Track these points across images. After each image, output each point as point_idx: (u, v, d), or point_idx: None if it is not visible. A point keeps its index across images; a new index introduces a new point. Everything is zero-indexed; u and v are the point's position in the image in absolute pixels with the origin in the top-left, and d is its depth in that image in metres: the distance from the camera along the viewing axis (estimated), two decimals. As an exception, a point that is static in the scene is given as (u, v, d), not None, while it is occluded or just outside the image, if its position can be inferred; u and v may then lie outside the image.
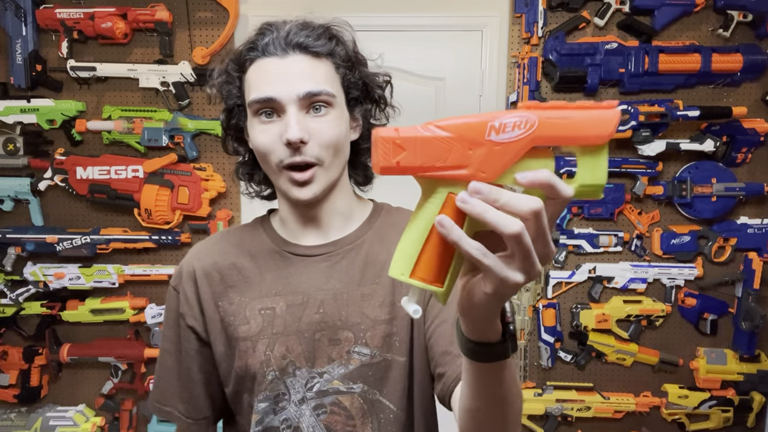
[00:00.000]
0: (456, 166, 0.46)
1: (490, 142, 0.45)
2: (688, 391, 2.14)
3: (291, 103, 0.71)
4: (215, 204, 2.16)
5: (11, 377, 2.18)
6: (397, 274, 0.48)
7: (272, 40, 0.74)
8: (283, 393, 0.76)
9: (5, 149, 2.07)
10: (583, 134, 0.46)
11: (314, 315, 0.77)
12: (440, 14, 2.10)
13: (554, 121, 0.45)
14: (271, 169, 0.75)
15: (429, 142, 0.45)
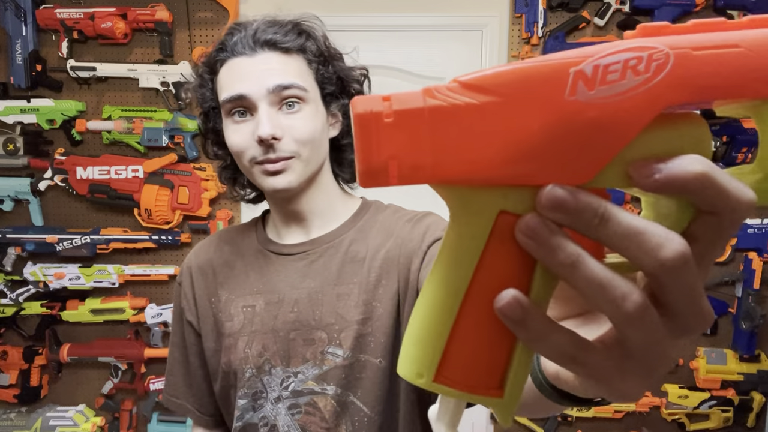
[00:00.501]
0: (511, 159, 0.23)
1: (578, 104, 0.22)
2: (688, 391, 2.14)
3: (261, 99, 0.70)
4: (215, 204, 2.16)
5: (11, 377, 2.18)
6: (410, 376, 0.26)
7: (240, 39, 0.72)
8: (261, 391, 0.76)
9: (5, 149, 2.07)
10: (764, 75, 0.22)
11: (289, 314, 0.75)
12: (440, 14, 2.10)
13: (706, 54, 0.22)
14: (245, 167, 0.74)
15: (451, 117, 0.22)
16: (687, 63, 0.22)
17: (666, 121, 0.23)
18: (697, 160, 0.22)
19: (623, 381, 0.24)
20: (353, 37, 2.12)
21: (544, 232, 0.22)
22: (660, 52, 0.22)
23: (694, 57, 0.22)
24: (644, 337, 0.22)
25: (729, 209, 0.22)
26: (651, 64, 0.22)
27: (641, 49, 0.22)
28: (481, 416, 2.27)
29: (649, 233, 0.21)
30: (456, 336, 0.25)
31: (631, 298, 0.21)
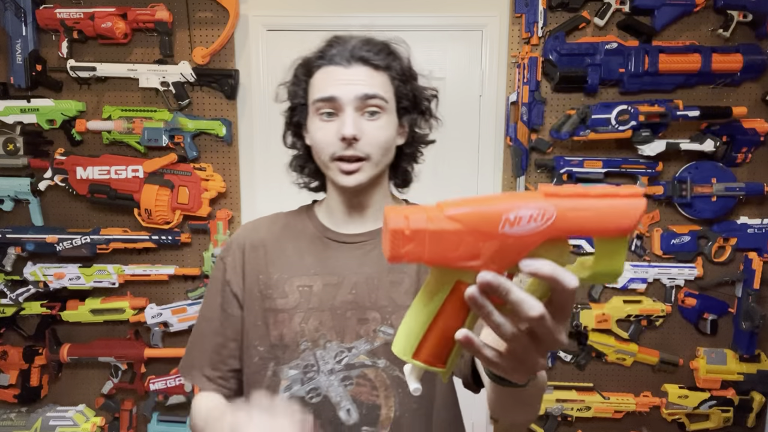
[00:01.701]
0: (467, 257, 0.44)
1: (504, 235, 0.43)
2: (688, 391, 2.14)
3: (349, 104, 0.82)
4: (215, 204, 2.16)
5: (11, 377, 2.18)
6: (400, 354, 0.50)
7: (339, 52, 0.84)
8: (312, 365, 0.84)
9: (5, 149, 2.07)
10: (604, 227, 0.43)
11: (347, 295, 0.86)
12: (440, 14, 2.10)
13: (574, 213, 0.43)
14: (324, 161, 0.85)
15: (439, 236, 0.43)
16: (563, 218, 0.42)
17: (547, 242, 0.43)
18: (547, 264, 0.42)
19: (515, 372, 0.48)
20: (353, 37, 2.13)
21: (477, 296, 0.44)
22: (550, 211, 0.42)
23: (567, 216, 0.42)
24: (522, 352, 0.46)
25: (562, 290, 0.43)
26: (544, 217, 0.42)
27: (540, 209, 0.42)
28: (481, 417, 2.27)
29: (526, 301, 0.43)
30: (426, 337, 0.48)
31: (514, 333, 0.45)
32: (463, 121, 2.15)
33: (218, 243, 2.10)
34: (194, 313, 2.12)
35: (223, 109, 2.13)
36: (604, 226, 0.43)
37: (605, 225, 0.43)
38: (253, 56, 2.11)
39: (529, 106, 2.02)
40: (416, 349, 0.49)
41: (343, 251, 0.89)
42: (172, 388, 2.15)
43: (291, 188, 1.05)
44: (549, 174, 2.10)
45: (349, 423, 0.83)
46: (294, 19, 2.11)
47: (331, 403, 0.84)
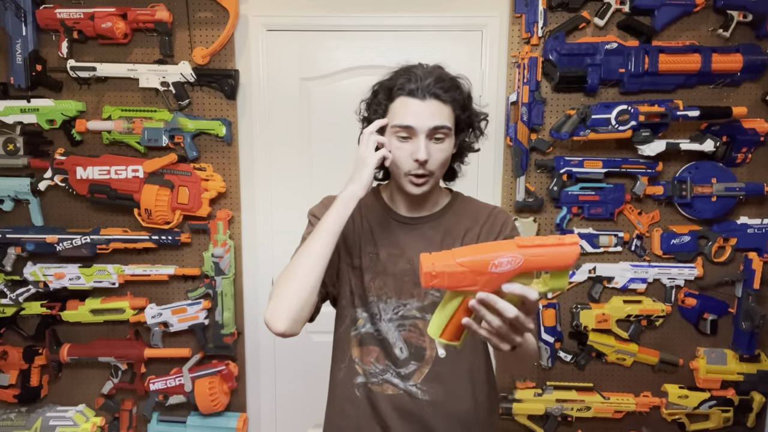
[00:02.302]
0: (469, 285, 0.77)
1: (490, 273, 0.75)
2: (688, 391, 2.14)
3: (422, 132, 1.04)
4: (215, 204, 2.16)
5: (11, 377, 2.18)
6: (432, 335, 0.84)
7: (417, 87, 1.04)
8: (375, 313, 1.12)
9: (5, 149, 2.07)
10: (554, 265, 0.75)
11: (406, 264, 1.11)
12: (440, 14, 2.10)
13: (535, 258, 0.74)
14: (398, 174, 1.09)
15: (453, 274, 0.77)
16: (528, 261, 0.74)
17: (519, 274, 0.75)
18: (518, 286, 0.75)
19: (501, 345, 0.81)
20: (354, 37, 2.13)
21: (476, 306, 0.77)
22: (519, 258, 0.73)
23: (531, 260, 0.74)
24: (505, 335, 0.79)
25: (528, 300, 0.76)
26: (516, 262, 0.73)
27: (514, 256, 0.74)
28: (481, 416, 2.27)
29: (506, 308, 0.76)
30: (447, 326, 0.82)
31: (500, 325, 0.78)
32: (463, 121, 2.14)
33: (218, 243, 2.10)
34: (194, 313, 2.12)
35: (223, 109, 2.13)
36: (554, 264, 0.75)
37: (554, 264, 0.75)
38: (253, 56, 2.12)
39: (529, 106, 2.02)
40: (441, 332, 0.83)
41: (404, 230, 1.15)
42: (172, 388, 2.15)
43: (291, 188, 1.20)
44: (549, 174, 2.11)
45: (401, 357, 1.11)
46: (294, 19, 2.11)
47: (389, 342, 1.11)
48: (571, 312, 2.16)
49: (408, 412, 1.10)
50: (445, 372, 1.11)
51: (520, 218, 2.13)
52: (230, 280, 2.14)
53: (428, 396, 1.10)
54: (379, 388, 1.12)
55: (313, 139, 2.17)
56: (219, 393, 2.13)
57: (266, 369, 2.27)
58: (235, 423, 2.17)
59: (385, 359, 1.12)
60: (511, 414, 2.16)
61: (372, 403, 1.12)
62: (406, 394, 1.10)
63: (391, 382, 1.11)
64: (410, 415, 1.11)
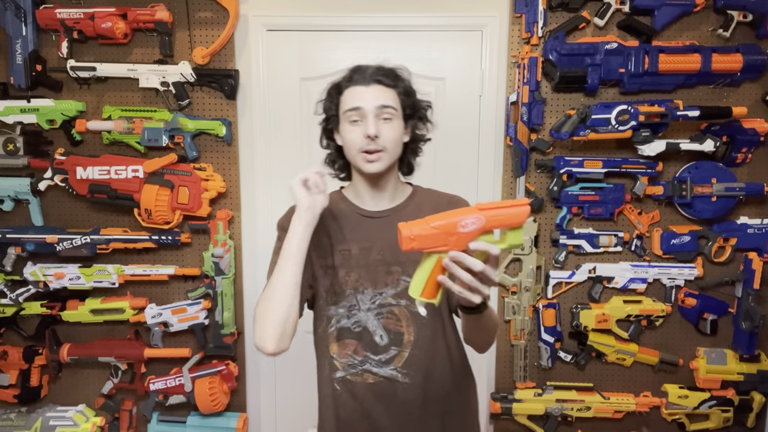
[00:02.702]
0: (442, 245, 0.90)
1: (458, 233, 0.89)
2: (688, 391, 2.14)
3: (370, 112, 1.14)
4: (215, 204, 2.16)
5: (11, 377, 2.18)
6: (413, 294, 0.95)
7: (360, 76, 1.16)
8: (354, 305, 1.18)
9: (5, 149, 2.07)
10: (510, 222, 0.90)
11: (377, 255, 1.19)
12: (440, 14, 2.10)
13: (494, 218, 0.90)
14: (353, 154, 1.16)
15: (428, 236, 0.90)
16: (489, 221, 0.89)
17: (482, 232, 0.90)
18: (482, 243, 0.90)
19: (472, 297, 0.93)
20: (354, 37, 2.13)
21: (449, 263, 0.91)
22: (482, 218, 0.89)
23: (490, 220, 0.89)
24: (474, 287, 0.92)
25: (491, 255, 0.90)
26: (478, 221, 0.89)
27: (477, 217, 0.89)
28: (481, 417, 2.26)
29: (474, 263, 0.90)
30: (426, 284, 0.93)
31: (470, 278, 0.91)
32: (463, 121, 2.15)
33: (218, 243, 2.10)
34: (194, 313, 2.12)
35: (223, 109, 2.13)
36: (510, 222, 0.90)
37: (510, 221, 0.90)
38: (253, 56, 2.12)
39: (529, 106, 2.02)
40: (421, 291, 0.93)
41: (372, 223, 1.22)
42: (172, 388, 2.15)
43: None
44: (549, 174, 2.11)
45: (381, 344, 1.18)
46: (294, 19, 2.11)
47: (369, 331, 1.18)
48: (571, 312, 2.16)
49: (389, 397, 1.16)
50: (424, 355, 1.18)
51: (520, 218, 2.12)
52: (230, 280, 2.14)
53: (408, 379, 1.17)
54: (359, 378, 1.18)
55: (313, 139, 2.15)
56: (219, 393, 2.13)
57: (266, 369, 2.27)
58: (235, 423, 2.17)
59: (363, 350, 1.17)
60: (511, 414, 2.16)
61: (353, 395, 1.18)
62: (386, 380, 1.17)
63: (370, 371, 1.17)
64: (391, 400, 1.17)
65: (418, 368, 1.17)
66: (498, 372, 2.25)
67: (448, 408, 1.21)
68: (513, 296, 2.16)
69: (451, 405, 1.22)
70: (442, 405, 1.20)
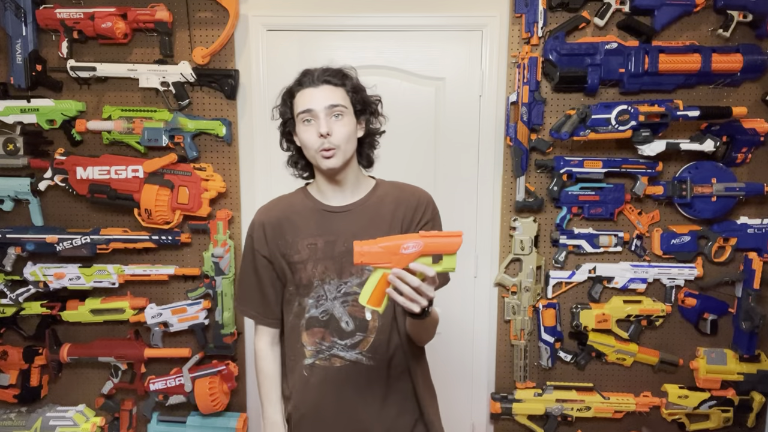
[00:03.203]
0: (386, 262, 1.04)
1: (401, 254, 1.04)
2: (688, 391, 2.14)
3: (321, 111, 1.20)
4: (215, 204, 2.16)
5: (11, 377, 2.18)
6: (362, 301, 1.07)
7: (309, 79, 1.23)
8: (322, 294, 1.26)
9: (5, 149, 2.07)
10: (445, 249, 1.05)
11: (342, 247, 1.25)
12: (440, 14, 2.10)
13: (431, 244, 1.04)
14: (310, 153, 1.24)
15: (376, 254, 1.04)
16: (427, 247, 1.05)
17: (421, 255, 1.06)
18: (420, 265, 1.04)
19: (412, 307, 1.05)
20: (354, 37, 2.13)
21: (392, 278, 1.04)
22: (421, 243, 1.05)
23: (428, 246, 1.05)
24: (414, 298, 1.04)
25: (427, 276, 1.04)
26: (417, 245, 1.05)
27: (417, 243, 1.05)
28: (481, 417, 2.27)
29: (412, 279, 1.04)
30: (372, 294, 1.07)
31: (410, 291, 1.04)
32: (463, 121, 2.15)
33: (218, 243, 2.10)
34: (194, 313, 2.12)
35: (223, 109, 2.13)
36: (444, 249, 1.05)
37: (444, 249, 1.05)
38: (253, 56, 2.12)
39: (529, 106, 2.02)
40: (368, 299, 1.06)
41: (335, 217, 1.28)
42: (172, 388, 2.15)
43: (290, 188, 1.33)
44: (549, 174, 2.11)
45: (347, 330, 1.26)
46: (294, 19, 2.11)
47: (336, 318, 1.26)
48: (571, 312, 2.16)
49: (355, 379, 1.26)
50: (386, 339, 1.27)
51: (520, 218, 2.13)
52: (230, 280, 2.14)
53: (373, 362, 1.26)
54: (326, 362, 1.27)
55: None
56: (219, 393, 2.13)
57: (266, 369, 2.27)
58: (235, 423, 2.17)
59: (330, 336, 1.26)
60: (511, 414, 2.16)
61: (322, 379, 1.27)
62: (352, 363, 1.26)
63: (337, 355, 1.26)
64: (357, 381, 1.26)
65: (383, 351, 1.26)
66: (498, 372, 2.25)
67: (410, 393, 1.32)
68: (513, 296, 2.16)
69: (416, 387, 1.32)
70: (406, 386, 1.31)
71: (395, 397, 1.30)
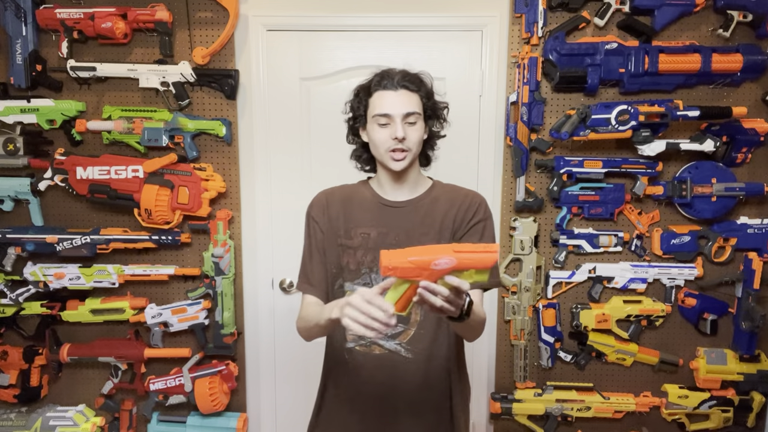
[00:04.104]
0: (416, 276, 0.97)
1: (431, 269, 0.96)
2: (688, 391, 2.14)
3: (398, 117, 1.26)
4: (215, 204, 2.16)
5: (11, 377, 2.18)
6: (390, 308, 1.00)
7: (389, 81, 1.28)
8: (368, 282, 1.31)
9: (5, 149, 2.07)
10: (478, 266, 0.98)
11: (392, 240, 1.30)
12: (440, 14, 2.10)
13: (465, 260, 0.97)
14: (381, 153, 1.29)
15: (405, 269, 0.97)
16: (460, 262, 0.97)
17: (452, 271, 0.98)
18: (455, 278, 0.96)
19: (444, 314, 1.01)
20: (354, 37, 2.13)
21: (422, 290, 0.97)
22: (453, 260, 0.97)
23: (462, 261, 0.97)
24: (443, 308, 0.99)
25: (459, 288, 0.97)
26: (450, 261, 0.97)
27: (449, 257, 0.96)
28: (481, 417, 2.27)
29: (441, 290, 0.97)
30: (398, 301, 1.01)
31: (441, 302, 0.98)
32: (463, 121, 2.14)
33: (218, 243, 2.10)
34: (194, 313, 2.13)
35: (223, 109, 2.13)
36: (478, 265, 0.98)
37: (478, 265, 0.98)
38: (253, 56, 2.12)
39: (529, 106, 2.02)
40: (395, 305, 1.00)
41: (391, 212, 1.34)
42: (172, 388, 2.15)
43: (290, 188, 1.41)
44: (549, 174, 2.10)
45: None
46: (294, 19, 2.11)
47: None
48: (571, 312, 2.16)
49: (391, 368, 1.31)
50: (428, 335, 1.31)
51: (520, 218, 2.13)
52: (230, 280, 2.14)
53: (411, 355, 1.30)
54: (367, 349, 1.31)
55: (312, 139, 2.17)
56: (219, 393, 2.13)
57: (266, 369, 2.27)
58: (235, 423, 2.17)
59: None
60: (511, 414, 2.16)
61: (360, 364, 1.32)
62: (391, 353, 1.30)
63: (377, 343, 1.31)
64: (393, 371, 1.31)
65: (422, 347, 1.30)
66: (498, 372, 2.25)
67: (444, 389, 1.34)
68: (513, 296, 2.16)
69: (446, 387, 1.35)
70: (443, 384, 1.33)
71: (428, 394, 1.32)
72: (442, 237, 1.30)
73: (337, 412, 1.38)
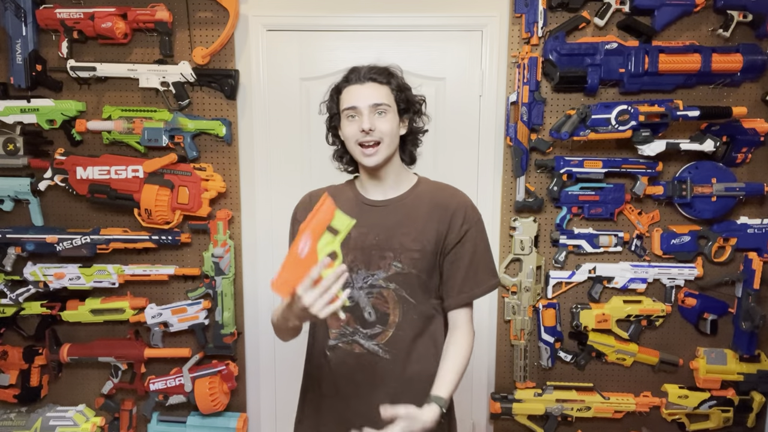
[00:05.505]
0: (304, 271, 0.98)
1: (303, 257, 0.98)
2: (688, 391, 2.14)
3: (365, 109, 1.24)
4: (215, 204, 2.16)
5: (11, 377, 2.18)
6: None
7: (356, 76, 1.27)
8: (349, 282, 1.27)
9: (5, 149, 2.07)
10: (326, 219, 1.01)
11: (373, 240, 1.28)
12: (440, 14, 2.10)
13: (314, 226, 0.99)
14: (352, 147, 1.27)
15: (289, 275, 0.98)
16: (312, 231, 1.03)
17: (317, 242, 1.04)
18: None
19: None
20: (354, 37, 2.13)
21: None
22: (308, 233, 1.03)
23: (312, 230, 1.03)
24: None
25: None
26: (306, 237, 1.01)
27: (305, 236, 1.01)
28: (481, 417, 2.27)
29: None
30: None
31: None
32: (463, 121, 2.15)
33: (218, 243, 2.10)
34: (194, 313, 2.13)
35: (223, 109, 2.13)
36: (326, 220, 1.01)
37: (326, 219, 1.01)
38: (253, 56, 2.12)
39: (529, 106, 2.02)
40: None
41: (372, 211, 1.32)
42: (172, 388, 2.15)
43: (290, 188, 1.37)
44: (549, 174, 2.10)
45: (369, 320, 1.29)
46: (294, 19, 2.11)
47: (360, 306, 1.29)
48: (571, 312, 2.16)
49: (370, 368, 1.30)
50: (407, 336, 1.29)
51: (520, 218, 2.13)
52: (230, 280, 2.14)
53: (389, 356, 1.29)
54: (348, 346, 1.31)
55: (313, 139, 2.17)
56: (219, 393, 2.13)
57: (266, 369, 2.27)
58: (235, 423, 2.17)
59: (354, 322, 1.30)
60: (511, 414, 2.16)
61: (342, 361, 1.31)
62: (369, 353, 1.30)
63: (358, 342, 1.31)
64: (372, 371, 1.30)
65: (400, 348, 1.29)
66: (498, 372, 2.25)
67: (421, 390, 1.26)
68: (513, 296, 2.16)
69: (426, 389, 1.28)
70: (424, 386, 1.26)
71: (409, 396, 1.26)
72: (424, 236, 1.28)
73: (317, 410, 1.38)
